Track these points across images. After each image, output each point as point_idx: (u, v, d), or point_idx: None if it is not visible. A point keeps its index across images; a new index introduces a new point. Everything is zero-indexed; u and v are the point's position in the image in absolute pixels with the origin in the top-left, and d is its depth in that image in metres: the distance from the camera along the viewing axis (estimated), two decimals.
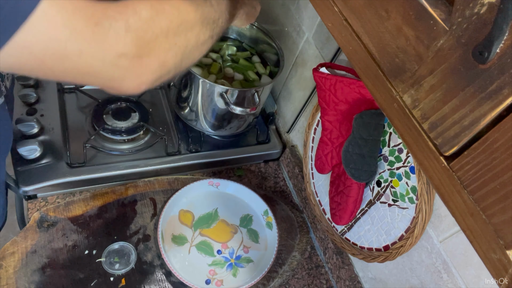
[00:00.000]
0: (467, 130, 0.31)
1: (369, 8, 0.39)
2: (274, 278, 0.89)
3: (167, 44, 0.52)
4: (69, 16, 0.42)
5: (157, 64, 0.52)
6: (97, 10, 0.45)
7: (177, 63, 0.55)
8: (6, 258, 0.78)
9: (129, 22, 0.47)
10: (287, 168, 1.08)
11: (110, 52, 0.46)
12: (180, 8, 0.54)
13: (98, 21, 0.44)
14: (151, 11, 0.50)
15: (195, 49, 0.58)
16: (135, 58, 0.48)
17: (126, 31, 0.46)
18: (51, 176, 0.86)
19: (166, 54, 0.52)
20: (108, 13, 0.46)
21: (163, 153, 0.98)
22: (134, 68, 0.49)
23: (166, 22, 0.52)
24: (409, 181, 0.71)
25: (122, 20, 0.46)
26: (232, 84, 0.98)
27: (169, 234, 0.89)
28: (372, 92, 0.41)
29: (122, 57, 0.47)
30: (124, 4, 0.48)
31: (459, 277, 0.66)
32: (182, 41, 0.55)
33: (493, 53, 0.28)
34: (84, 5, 0.44)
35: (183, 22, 0.54)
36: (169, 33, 0.52)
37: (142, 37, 0.48)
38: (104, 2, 0.47)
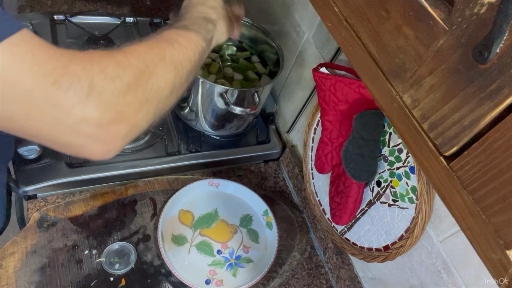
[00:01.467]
0: (467, 130, 0.31)
1: (369, 8, 0.39)
2: (274, 278, 0.89)
3: (137, 103, 0.45)
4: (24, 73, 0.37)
5: (128, 129, 0.45)
6: (59, 65, 0.39)
7: (150, 119, 0.49)
8: (6, 258, 0.78)
9: (93, 83, 0.41)
10: (287, 168, 1.08)
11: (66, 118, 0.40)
12: (147, 59, 0.48)
13: (56, 79, 0.38)
14: (118, 69, 0.44)
15: (170, 98, 0.52)
16: (100, 125, 0.42)
17: (88, 94, 0.40)
18: (51, 176, 0.86)
19: (136, 115, 0.45)
20: (71, 69, 0.40)
21: (163, 153, 0.98)
22: (99, 135, 0.43)
23: (133, 78, 0.45)
24: (409, 181, 0.71)
25: (85, 79, 0.40)
26: (232, 84, 0.98)
27: (169, 234, 0.89)
28: (372, 92, 0.41)
29: (81, 123, 0.41)
30: (90, 57, 0.42)
31: (459, 277, 0.66)
32: (154, 94, 0.48)
33: (493, 53, 0.28)
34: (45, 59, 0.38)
35: (152, 74, 0.47)
36: (138, 90, 0.45)
37: (108, 100, 0.42)
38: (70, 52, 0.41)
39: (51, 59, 0.39)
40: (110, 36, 1.09)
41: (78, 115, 0.40)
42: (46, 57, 0.39)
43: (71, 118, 0.40)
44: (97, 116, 0.41)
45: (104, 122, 0.42)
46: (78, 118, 0.40)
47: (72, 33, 1.09)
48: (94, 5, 1.23)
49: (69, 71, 0.39)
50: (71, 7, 1.20)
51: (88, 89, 0.40)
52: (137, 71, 0.46)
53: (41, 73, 0.38)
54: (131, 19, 1.17)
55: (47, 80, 0.38)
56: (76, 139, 0.42)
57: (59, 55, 0.40)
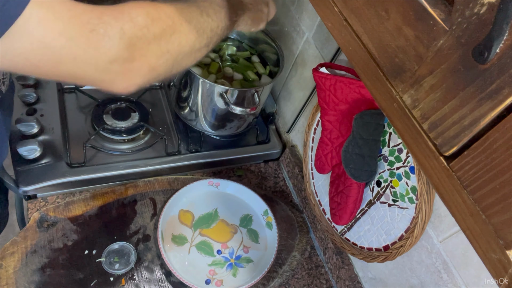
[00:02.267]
0: (467, 130, 0.31)
1: (369, 8, 0.39)
2: (274, 278, 0.89)
3: (159, 51, 0.52)
4: (65, 24, 0.43)
5: (147, 69, 0.52)
6: (93, 16, 0.46)
7: (167, 69, 0.55)
8: (6, 258, 0.78)
9: (124, 29, 0.47)
10: (287, 168, 1.08)
11: (103, 58, 0.47)
12: (175, 17, 0.54)
13: (93, 27, 0.45)
14: (146, 19, 0.50)
15: (188, 56, 0.58)
16: (126, 62, 0.49)
17: (120, 38, 0.47)
18: (51, 176, 0.86)
19: (157, 60, 0.53)
20: (104, 18, 0.46)
21: (163, 153, 0.98)
22: (125, 72, 0.50)
23: (160, 30, 0.52)
24: (409, 181, 0.71)
25: (117, 26, 0.47)
26: (232, 84, 0.98)
27: (169, 234, 0.89)
28: (372, 92, 0.41)
29: (114, 62, 0.48)
30: (121, 9, 0.49)
31: (459, 277, 0.66)
32: (175, 48, 0.55)
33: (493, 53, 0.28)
34: (80, 12, 0.45)
35: (176, 31, 0.54)
36: (162, 41, 0.52)
37: (135, 43, 0.49)
38: (100, 7, 0.47)
39: (86, 11, 0.45)
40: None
41: (112, 56, 0.47)
42: (81, 10, 0.45)
43: (107, 58, 0.47)
44: (126, 56, 0.48)
45: (130, 61, 0.49)
46: (113, 57, 0.47)
47: None
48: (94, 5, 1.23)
49: (103, 20, 0.46)
50: None
51: (120, 34, 0.47)
52: (164, 24, 0.52)
53: (79, 22, 0.44)
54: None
55: (86, 28, 0.44)
56: (108, 75, 0.49)
57: (92, 8, 0.46)
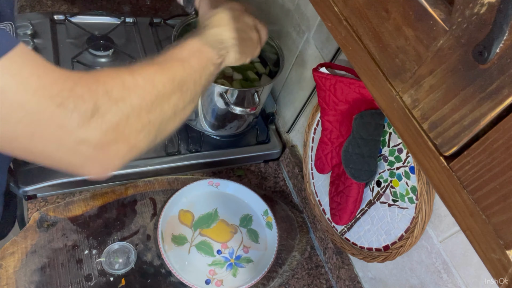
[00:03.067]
0: (467, 130, 0.31)
1: (369, 8, 0.39)
2: (274, 278, 0.89)
3: (139, 125, 0.46)
4: (29, 96, 0.37)
5: (127, 149, 0.45)
6: (65, 87, 0.40)
7: (150, 141, 0.49)
8: (6, 258, 0.78)
9: (97, 104, 0.41)
10: (287, 168, 1.08)
11: (69, 138, 0.41)
12: (155, 80, 0.48)
13: (62, 101, 0.39)
14: (123, 90, 0.44)
15: (172, 120, 0.52)
16: (99, 145, 0.42)
17: (91, 115, 0.41)
18: (51, 176, 0.86)
19: (137, 136, 0.46)
20: (76, 91, 0.40)
21: (163, 153, 0.98)
22: (97, 156, 0.43)
23: (138, 100, 0.45)
24: (409, 181, 0.71)
25: (90, 101, 0.41)
26: (232, 84, 0.98)
27: (169, 234, 0.89)
28: (372, 92, 0.41)
29: (82, 143, 0.41)
30: (96, 79, 0.43)
31: (459, 277, 0.66)
32: (157, 117, 0.48)
33: (493, 53, 0.28)
34: (51, 82, 0.39)
35: (158, 96, 0.48)
36: (142, 112, 0.46)
37: (110, 121, 0.42)
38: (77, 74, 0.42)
39: (57, 82, 0.39)
40: (110, 36, 1.09)
41: (81, 135, 0.41)
42: (52, 80, 0.39)
43: (74, 138, 0.41)
44: (98, 137, 0.42)
45: (104, 143, 0.43)
46: (80, 138, 0.41)
47: (72, 33, 1.09)
48: (94, 5, 1.23)
49: (74, 93, 0.40)
50: (71, 7, 1.20)
51: (92, 111, 0.41)
52: (143, 92, 0.46)
53: (47, 95, 0.38)
54: (131, 19, 1.17)
55: (53, 102, 0.38)
56: (77, 159, 0.43)
57: (65, 77, 0.40)
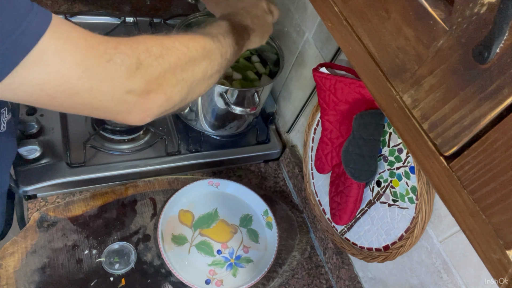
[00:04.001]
0: (467, 130, 0.31)
1: (369, 8, 0.39)
2: (274, 278, 0.89)
3: (174, 80, 0.53)
4: (83, 55, 0.43)
5: (164, 99, 0.52)
6: (110, 46, 0.46)
7: (183, 97, 0.56)
8: (6, 258, 0.78)
9: (140, 59, 0.48)
10: (287, 168, 1.08)
11: (120, 89, 0.47)
12: (189, 45, 0.55)
13: (110, 58, 0.45)
14: (161, 48, 0.51)
15: (202, 83, 0.59)
16: (143, 93, 0.49)
17: (137, 68, 0.47)
18: (51, 176, 0.86)
19: (172, 89, 0.53)
20: (120, 48, 0.46)
21: (163, 153, 0.98)
22: (141, 103, 0.49)
23: (175, 59, 0.52)
24: (409, 181, 0.71)
25: (133, 56, 0.47)
26: (232, 84, 0.98)
27: (169, 234, 0.89)
28: (372, 92, 0.41)
29: (130, 93, 0.47)
30: (136, 39, 0.49)
31: (459, 277, 0.66)
32: (189, 76, 0.55)
33: (493, 53, 0.28)
34: (97, 42, 0.45)
35: (191, 59, 0.55)
36: (177, 69, 0.53)
37: (151, 73, 0.49)
38: (116, 38, 0.47)
39: (102, 42, 0.45)
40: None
41: (129, 86, 0.47)
42: (97, 41, 0.45)
43: (123, 89, 0.47)
44: (143, 86, 0.48)
45: (146, 92, 0.49)
46: (128, 88, 0.47)
47: None
48: (94, 5, 1.23)
49: (119, 50, 0.46)
50: (71, 7, 1.20)
51: (137, 65, 0.47)
52: (179, 53, 0.53)
53: (96, 53, 0.44)
54: (131, 19, 1.16)
55: (103, 58, 0.44)
56: (125, 106, 0.49)
57: (108, 39, 0.46)
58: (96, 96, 0.45)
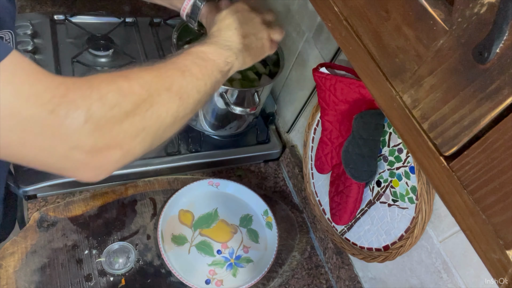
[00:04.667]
0: (467, 130, 0.31)
1: (369, 8, 0.39)
2: (274, 278, 0.89)
3: (133, 131, 0.45)
4: (21, 103, 0.37)
5: (120, 154, 0.45)
6: (57, 94, 0.39)
7: (145, 148, 0.48)
8: (6, 258, 0.78)
9: (91, 110, 0.40)
10: (287, 168, 1.08)
11: (62, 145, 0.40)
12: (151, 88, 0.47)
13: (54, 108, 0.38)
14: (118, 96, 0.43)
15: (172, 127, 0.51)
16: (92, 150, 0.42)
17: (85, 121, 0.40)
18: (51, 176, 0.86)
19: (131, 142, 0.45)
20: (69, 97, 0.40)
21: (163, 153, 0.98)
22: (91, 161, 0.43)
23: (133, 106, 0.44)
24: (409, 181, 0.71)
25: (83, 107, 0.40)
26: (232, 84, 0.98)
27: (169, 234, 0.89)
28: (372, 92, 0.41)
29: (76, 149, 0.41)
30: (89, 84, 0.42)
31: (459, 277, 0.66)
32: (153, 123, 0.47)
33: (493, 53, 0.28)
34: (43, 89, 0.38)
35: (153, 103, 0.47)
36: (136, 118, 0.45)
37: (103, 127, 0.42)
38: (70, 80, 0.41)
39: (50, 88, 0.39)
40: (110, 36, 1.09)
41: (73, 142, 0.41)
42: (44, 87, 0.39)
43: (66, 145, 0.40)
44: (91, 143, 0.41)
45: (97, 149, 0.42)
46: (74, 144, 0.41)
47: (72, 33, 1.09)
48: (94, 5, 1.23)
49: (67, 99, 0.39)
50: (71, 7, 1.20)
51: (86, 117, 0.40)
52: (138, 99, 0.45)
53: (39, 102, 0.38)
54: (131, 19, 1.16)
55: (45, 109, 0.38)
56: (70, 164, 0.43)
57: (58, 83, 0.40)
58: (29, 152, 0.40)
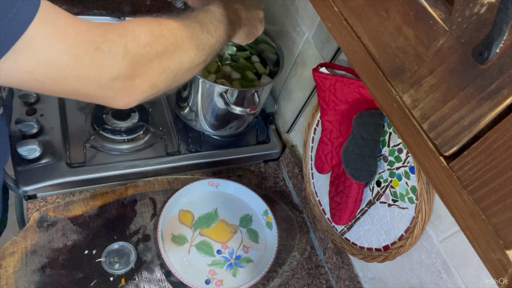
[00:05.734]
0: (466, 130, 0.31)
1: (369, 8, 0.39)
2: (274, 278, 0.89)
3: (160, 68, 0.53)
4: (71, 43, 0.44)
5: (148, 86, 0.53)
6: (98, 34, 0.46)
7: (167, 85, 0.57)
8: (6, 258, 0.78)
9: (127, 47, 0.48)
10: (287, 168, 1.08)
11: (106, 76, 0.47)
12: (177, 34, 0.56)
13: (98, 45, 0.46)
14: (150, 37, 0.52)
15: (188, 72, 0.60)
16: (128, 79, 0.50)
17: (123, 56, 0.48)
18: (51, 176, 0.86)
19: (158, 77, 0.54)
20: (108, 36, 0.47)
21: (163, 153, 0.98)
22: (126, 89, 0.51)
23: (162, 47, 0.53)
24: (408, 181, 0.71)
25: (121, 44, 0.48)
26: (232, 84, 0.98)
27: (169, 234, 0.89)
28: (372, 92, 0.41)
29: (116, 79, 0.48)
30: (125, 27, 0.50)
31: (459, 277, 0.66)
32: (175, 65, 0.56)
33: (493, 53, 0.28)
34: (85, 29, 0.45)
35: (178, 48, 0.56)
36: (164, 58, 0.53)
37: (138, 61, 0.50)
38: (105, 24, 0.48)
39: (90, 29, 0.46)
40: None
41: (115, 73, 0.48)
42: (86, 28, 0.45)
43: (110, 75, 0.48)
44: (129, 73, 0.49)
45: (132, 78, 0.50)
46: (116, 75, 0.48)
47: None
48: (94, 5, 1.23)
49: (107, 38, 0.46)
50: (71, 7, 1.20)
51: (124, 53, 0.48)
52: (166, 42, 0.53)
53: (85, 40, 0.45)
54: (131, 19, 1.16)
55: (91, 46, 0.45)
56: (111, 92, 0.50)
57: (96, 25, 0.47)
58: (83, 83, 0.46)
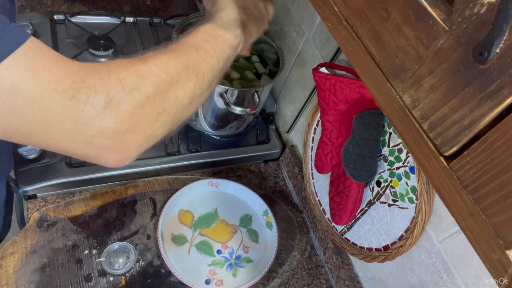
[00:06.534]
0: (466, 130, 0.31)
1: (369, 8, 0.39)
2: (274, 278, 0.89)
3: (154, 113, 0.45)
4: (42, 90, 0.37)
5: (143, 138, 0.45)
6: (76, 79, 0.39)
7: (167, 130, 0.48)
8: (6, 258, 0.78)
9: (110, 94, 0.40)
10: (287, 168, 1.08)
11: (83, 131, 0.40)
12: (169, 68, 0.47)
13: (73, 94, 0.38)
14: (136, 79, 0.43)
15: (190, 107, 0.51)
16: (115, 135, 0.42)
17: (105, 106, 0.40)
18: (51, 176, 0.86)
19: (153, 124, 0.45)
20: (88, 82, 0.40)
21: (163, 153, 0.98)
22: (114, 146, 0.43)
23: (152, 88, 0.44)
24: (409, 181, 0.71)
25: (103, 91, 0.40)
26: (232, 84, 0.98)
27: (169, 234, 0.89)
28: (372, 92, 0.41)
29: (98, 135, 0.41)
30: (107, 69, 0.42)
31: (459, 277, 0.66)
32: (172, 105, 0.47)
33: (493, 53, 0.28)
34: (62, 75, 0.38)
35: (172, 83, 0.46)
36: (156, 100, 0.45)
37: (124, 111, 0.41)
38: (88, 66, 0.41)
39: (69, 74, 0.39)
40: (110, 36, 1.09)
41: (95, 128, 0.40)
42: (64, 72, 0.39)
43: (89, 131, 0.40)
44: (114, 128, 0.41)
45: (120, 133, 0.42)
46: (96, 131, 0.40)
47: (72, 33, 1.09)
48: (94, 5, 1.23)
49: (86, 84, 0.39)
50: (71, 7, 1.20)
51: (106, 102, 0.40)
52: (157, 80, 0.45)
53: (59, 88, 0.38)
54: (131, 19, 1.17)
55: (65, 95, 0.38)
56: (93, 150, 0.42)
57: (76, 69, 0.40)
58: (52, 138, 0.40)
